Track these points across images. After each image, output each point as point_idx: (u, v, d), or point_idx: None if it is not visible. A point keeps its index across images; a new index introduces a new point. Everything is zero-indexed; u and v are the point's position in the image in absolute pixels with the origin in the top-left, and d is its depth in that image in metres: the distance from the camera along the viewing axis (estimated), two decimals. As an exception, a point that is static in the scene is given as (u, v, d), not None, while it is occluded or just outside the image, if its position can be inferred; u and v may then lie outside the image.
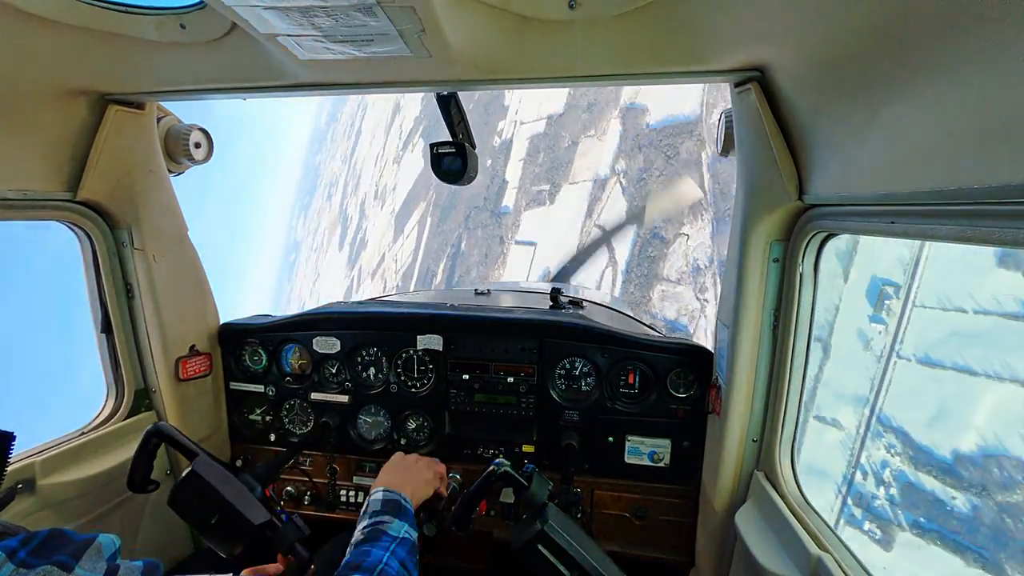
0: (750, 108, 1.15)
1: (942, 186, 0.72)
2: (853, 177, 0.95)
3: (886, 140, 0.85)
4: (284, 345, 1.95)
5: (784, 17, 0.86)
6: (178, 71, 1.26)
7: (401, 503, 1.20)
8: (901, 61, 0.76)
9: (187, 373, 1.78)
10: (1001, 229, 0.66)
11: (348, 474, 1.98)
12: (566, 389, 1.83)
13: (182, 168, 1.74)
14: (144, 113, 1.50)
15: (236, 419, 2.02)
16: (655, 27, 0.97)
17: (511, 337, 1.80)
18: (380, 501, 1.19)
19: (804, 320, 1.24)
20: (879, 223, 0.93)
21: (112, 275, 1.61)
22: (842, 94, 0.93)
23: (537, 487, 1.28)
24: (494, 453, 1.89)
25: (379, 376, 1.92)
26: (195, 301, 1.82)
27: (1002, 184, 0.62)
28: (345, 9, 0.87)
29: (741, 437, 1.39)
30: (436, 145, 1.47)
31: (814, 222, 1.14)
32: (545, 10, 0.94)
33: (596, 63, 1.09)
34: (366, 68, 1.15)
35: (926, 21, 0.69)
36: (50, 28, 1.07)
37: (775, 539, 1.22)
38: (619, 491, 1.80)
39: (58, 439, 1.52)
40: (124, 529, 1.65)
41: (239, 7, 0.88)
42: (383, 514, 1.14)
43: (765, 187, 1.19)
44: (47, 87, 1.28)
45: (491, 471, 1.27)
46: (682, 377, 1.72)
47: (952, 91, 0.69)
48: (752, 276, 1.28)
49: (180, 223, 1.74)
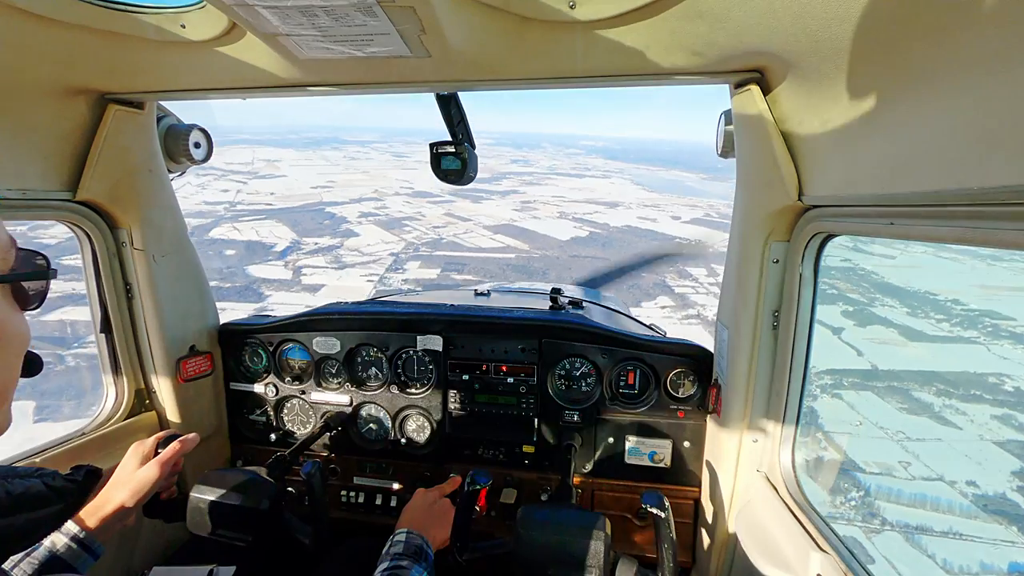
0: (750, 108, 1.15)
1: (942, 187, 0.72)
2: (853, 177, 0.95)
3: (886, 140, 0.85)
4: (284, 345, 1.95)
5: (784, 18, 0.86)
6: (178, 71, 1.26)
7: (423, 547, 1.21)
8: (901, 62, 0.76)
9: (188, 373, 1.78)
10: (1001, 230, 0.67)
11: (348, 474, 1.98)
12: (566, 389, 1.83)
13: (182, 168, 1.74)
14: (144, 113, 1.50)
15: (236, 419, 2.02)
16: (655, 28, 0.97)
17: (511, 337, 1.80)
18: (403, 543, 1.20)
19: (804, 320, 1.24)
20: (879, 223, 0.93)
21: (112, 275, 1.61)
22: (842, 94, 0.93)
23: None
24: (494, 454, 1.89)
25: (379, 376, 1.92)
26: (195, 301, 1.82)
27: (1002, 185, 0.62)
28: (345, 9, 0.87)
29: (741, 437, 1.39)
30: (436, 145, 1.48)
31: (814, 222, 1.14)
32: (545, 10, 0.94)
33: (596, 63, 1.09)
34: (366, 68, 1.15)
35: (926, 22, 0.69)
36: (50, 28, 1.07)
37: (776, 539, 1.22)
38: (619, 491, 1.80)
39: (59, 439, 1.52)
40: (113, 534, 1.65)
41: (239, 7, 0.88)
42: (404, 557, 1.16)
43: (765, 187, 1.19)
44: (47, 86, 1.28)
45: (468, 492, 1.27)
46: (682, 377, 1.72)
47: (952, 92, 0.69)
48: (752, 276, 1.28)
49: (180, 223, 1.74)
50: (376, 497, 1.94)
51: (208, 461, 1.91)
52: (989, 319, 18.67)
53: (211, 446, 1.94)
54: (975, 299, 20.80)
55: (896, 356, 15.71)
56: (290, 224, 31.27)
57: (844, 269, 20.94)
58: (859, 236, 1.04)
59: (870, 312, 18.95)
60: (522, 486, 1.86)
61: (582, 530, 1.15)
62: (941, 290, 22.02)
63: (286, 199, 42.11)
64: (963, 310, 20.08)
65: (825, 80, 0.94)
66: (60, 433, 1.55)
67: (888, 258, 28.10)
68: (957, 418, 11.48)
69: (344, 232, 30.57)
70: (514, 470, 1.88)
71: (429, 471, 1.92)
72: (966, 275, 26.62)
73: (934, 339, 17.49)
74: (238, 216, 33.45)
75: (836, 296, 17.06)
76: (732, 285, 1.36)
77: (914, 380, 13.67)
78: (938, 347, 16.78)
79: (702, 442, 1.67)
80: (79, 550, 1.01)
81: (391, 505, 1.92)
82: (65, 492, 0.65)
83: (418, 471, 1.93)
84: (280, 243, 26.02)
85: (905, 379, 13.65)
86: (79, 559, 1.01)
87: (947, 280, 25.81)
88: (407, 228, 32.27)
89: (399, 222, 34.17)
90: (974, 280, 25.76)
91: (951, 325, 18.56)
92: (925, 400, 12.39)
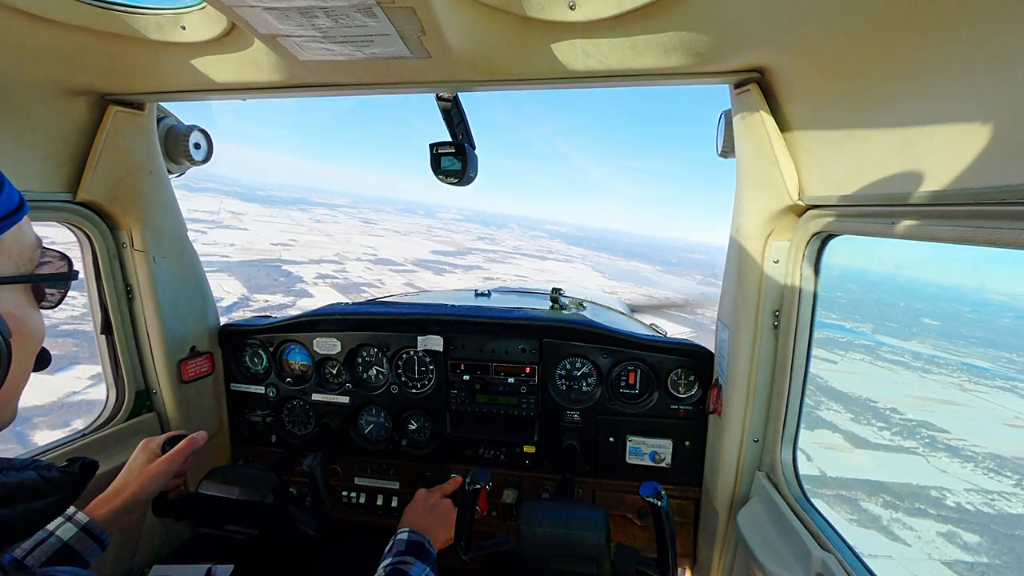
0: (750, 109, 1.15)
1: (942, 186, 0.72)
2: (853, 177, 0.95)
3: (886, 140, 0.85)
4: (284, 346, 1.95)
5: (784, 18, 0.86)
6: (178, 71, 1.26)
7: (425, 546, 1.23)
8: (901, 62, 0.76)
9: (188, 374, 1.78)
10: (1002, 229, 0.66)
11: (349, 475, 1.97)
12: (567, 389, 1.83)
13: (182, 169, 1.74)
14: (144, 113, 1.50)
15: (237, 420, 2.02)
16: (655, 28, 0.96)
17: (512, 337, 1.80)
18: (405, 542, 1.21)
19: (804, 320, 1.24)
20: (879, 223, 0.93)
21: (112, 276, 1.61)
22: (842, 94, 0.93)
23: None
24: (495, 454, 1.89)
25: (380, 377, 1.92)
26: (195, 302, 1.82)
27: (1002, 184, 0.62)
28: (345, 10, 0.87)
29: (742, 437, 1.39)
30: (436, 145, 1.47)
31: (814, 222, 1.14)
32: (545, 11, 0.94)
33: (596, 64, 1.09)
34: (366, 69, 1.14)
35: (926, 22, 0.69)
36: (50, 28, 1.07)
37: (777, 539, 1.22)
38: (620, 491, 1.80)
39: (60, 440, 1.52)
40: (119, 528, 1.65)
41: (239, 7, 0.88)
42: (406, 555, 1.17)
43: (765, 187, 1.19)
44: (47, 87, 1.28)
45: (470, 491, 1.28)
46: (683, 377, 1.72)
47: (952, 91, 0.69)
48: (752, 276, 1.28)
49: (180, 224, 1.74)
50: (377, 497, 1.94)
51: (209, 462, 1.91)
52: (925, 430, 19.16)
53: (212, 447, 1.94)
54: (911, 409, 21.53)
55: (842, 463, 16.15)
56: (243, 279, 30.95)
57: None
58: (859, 236, 1.04)
59: (817, 415, 19.57)
60: (523, 486, 1.86)
61: (582, 523, 1.18)
62: (880, 397, 22.95)
63: (244, 252, 41.96)
64: (901, 419, 20.64)
65: (825, 80, 0.94)
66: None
67: (830, 362, 28.80)
68: (905, 533, 11.79)
69: (298, 291, 30.33)
70: (515, 470, 1.88)
71: (430, 471, 1.92)
72: (901, 386, 26.55)
73: (876, 447, 17.83)
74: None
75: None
76: (732, 285, 1.36)
77: (861, 489, 13.86)
78: (880, 455, 17.18)
79: (703, 442, 1.67)
80: (88, 540, 1.06)
81: (392, 505, 1.92)
82: (60, 483, 0.66)
83: (419, 471, 1.93)
84: (228, 297, 25.47)
85: (853, 487, 13.86)
86: (88, 549, 1.06)
87: (885, 388, 26.19)
88: (364, 293, 32.02)
89: (357, 287, 33.90)
90: (909, 391, 25.37)
91: (891, 434, 19.11)
92: (874, 512, 12.63)
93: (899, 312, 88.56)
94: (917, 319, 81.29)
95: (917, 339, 63.17)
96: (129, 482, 1.21)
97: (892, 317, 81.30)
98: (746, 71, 1.10)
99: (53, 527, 1.04)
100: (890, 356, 43.89)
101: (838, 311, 78.40)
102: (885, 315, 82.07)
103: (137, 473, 1.23)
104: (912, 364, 42.05)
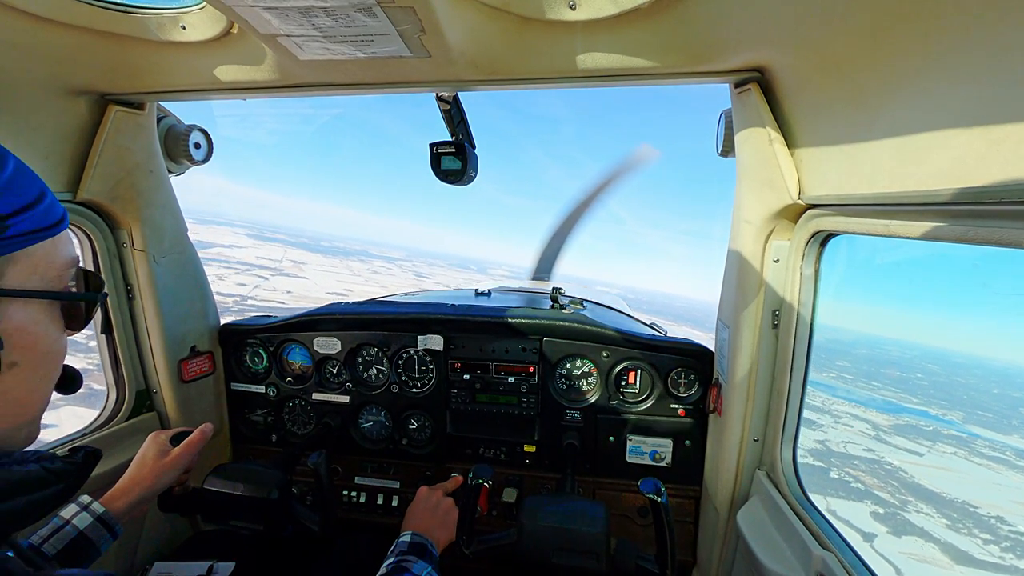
0: (750, 108, 1.15)
1: (942, 186, 0.72)
2: (853, 177, 0.95)
3: (886, 140, 0.85)
4: (285, 346, 1.95)
5: (784, 18, 0.86)
6: (178, 71, 1.26)
7: (427, 547, 1.24)
8: (901, 61, 0.76)
9: (189, 374, 1.78)
10: (1001, 229, 0.67)
11: (350, 474, 1.98)
12: (567, 389, 1.83)
13: (182, 168, 1.74)
14: (144, 113, 1.49)
15: (237, 420, 2.02)
16: (655, 27, 0.97)
17: (512, 337, 1.80)
18: (408, 543, 1.22)
19: (804, 320, 1.24)
20: (879, 223, 0.93)
21: (112, 276, 1.61)
22: (842, 94, 0.93)
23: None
24: (495, 453, 1.89)
25: (380, 376, 1.92)
26: (196, 302, 1.82)
27: (1003, 184, 0.62)
28: (345, 10, 0.87)
29: (742, 436, 1.39)
30: (436, 145, 1.48)
31: (814, 222, 1.14)
32: (545, 10, 0.94)
33: (596, 63, 1.09)
34: (366, 68, 1.15)
35: (926, 21, 0.69)
36: (50, 28, 1.07)
37: (777, 538, 1.22)
38: (621, 491, 1.80)
39: (60, 440, 1.52)
40: (128, 520, 1.65)
41: (239, 7, 0.88)
42: (409, 554, 1.18)
43: (765, 187, 1.19)
44: (47, 87, 1.28)
45: (472, 487, 1.28)
46: (683, 377, 1.72)
47: (952, 91, 0.69)
48: (752, 276, 1.28)
49: (180, 224, 1.74)
50: (377, 497, 1.94)
51: (210, 461, 1.91)
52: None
53: (213, 446, 1.94)
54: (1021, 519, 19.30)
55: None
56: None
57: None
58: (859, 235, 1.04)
59: (903, 517, 17.81)
60: (523, 485, 1.86)
61: (582, 517, 1.20)
62: (981, 502, 20.52)
63: (299, 299, 42.10)
64: (1011, 531, 18.49)
65: (825, 79, 0.94)
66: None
67: (915, 454, 24.50)
68: None
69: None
70: (515, 469, 1.88)
71: (430, 471, 1.92)
72: (1006, 489, 23.94)
73: (984, 566, 16.15)
74: (243, 311, 33.87)
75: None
76: (732, 285, 1.36)
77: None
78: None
79: (703, 441, 1.67)
80: (103, 529, 1.10)
81: (393, 505, 1.92)
82: (64, 473, 0.66)
83: (419, 471, 1.93)
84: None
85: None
86: (103, 538, 1.10)
87: (986, 491, 23.24)
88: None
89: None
90: (1017, 496, 22.98)
91: (1000, 549, 17.29)
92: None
93: (993, 400, 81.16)
94: (1016, 409, 72.95)
95: (1019, 433, 55.26)
96: (144, 475, 1.23)
97: (985, 406, 74.83)
98: (746, 71, 1.10)
99: (69, 515, 1.08)
100: (988, 452, 38.64)
101: (920, 395, 72.03)
102: (976, 403, 75.37)
103: (152, 466, 1.25)
104: (1016, 463, 36.95)
